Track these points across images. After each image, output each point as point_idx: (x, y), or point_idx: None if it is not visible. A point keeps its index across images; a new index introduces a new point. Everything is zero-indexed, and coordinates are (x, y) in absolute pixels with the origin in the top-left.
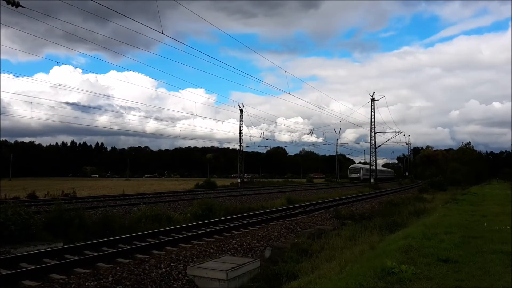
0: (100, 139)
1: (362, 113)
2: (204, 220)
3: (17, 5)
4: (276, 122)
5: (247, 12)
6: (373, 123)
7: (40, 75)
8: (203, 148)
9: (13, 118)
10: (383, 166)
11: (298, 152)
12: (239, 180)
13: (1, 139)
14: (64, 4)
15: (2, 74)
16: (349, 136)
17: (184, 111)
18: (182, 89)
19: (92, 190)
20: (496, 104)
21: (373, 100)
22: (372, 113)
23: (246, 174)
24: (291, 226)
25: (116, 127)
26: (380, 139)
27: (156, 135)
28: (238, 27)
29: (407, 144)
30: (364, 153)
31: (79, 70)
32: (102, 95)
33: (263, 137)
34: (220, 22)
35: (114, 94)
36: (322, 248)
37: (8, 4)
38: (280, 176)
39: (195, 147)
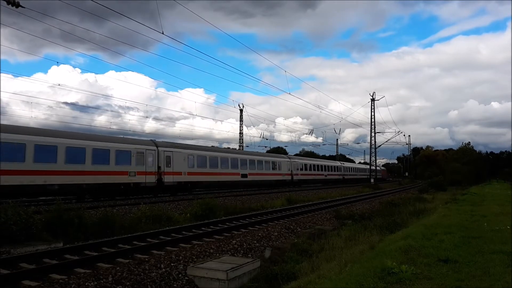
0: None
1: (361, 113)
2: (204, 220)
3: (17, 5)
4: (275, 122)
5: (245, 12)
6: (373, 123)
7: (38, 75)
8: None
9: (12, 118)
10: (383, 166)
11: (298, 152)
12: None
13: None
14: (61, 3)
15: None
16: (348, 136)
17: (183, 111)
18: (181, 89)
19: None
20: (495, 104)
21: (373, 100)
22: (372, 113)
23: None
24: (291, 226)
25: (115, 127)
26: (379, 139)
27: (155, 135)
28: (236, 27)
29: (407, 144)
30: (364, 153)
31: (78, 70)
32: (101, 95)
33: (263, 137)
34: (218, 22)
35: (113, 94)
36: (322, 248)
37: (8, 4)
38: None
39: None
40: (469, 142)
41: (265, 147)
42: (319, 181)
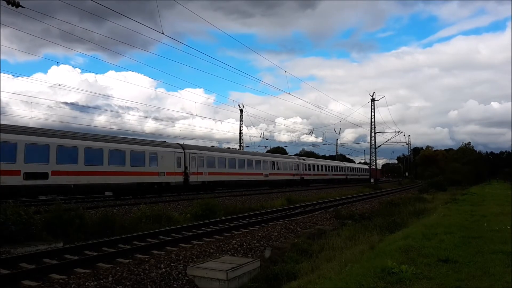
0: None
1: (361, 113)
2: (204, 220)
3: (17, 5)
4: (275, 122)
5: (245, 12)
6: (373, 123)
7: (38, 75)
8: None
9: (12, 118)
10: (383, 166)
11: (298, 152)
12: None
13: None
14: (60, 3)
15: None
16: (348, 136)
17: (183, 111)
18: (181, 89)
19: None
20: (495, 104)
21: (373, 100)
22: (372, 113)
23: None
24: (291, 226)
25: (114, 127)
26: (379, 139)
27: (155, 135)
28: (235, 27)
29: (407, 144)
30: (364, 153)
31: (78, 70)
32: (100, 95)
33: (263, 137)
34: (218, 22)
35: (113, 94)
36: (322, 248)
37: (8, 4)
38: None
39: None
40: (469, 142)
41: (265, 147)
42: (251, 183)
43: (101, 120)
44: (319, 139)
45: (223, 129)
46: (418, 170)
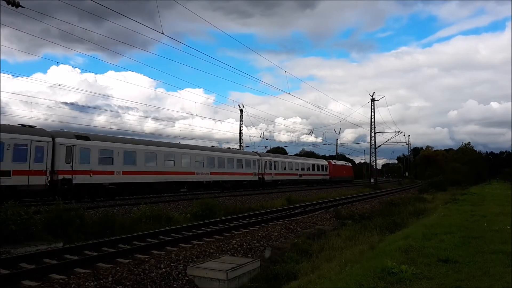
0: None
1: (360, 113)
2: (204, 220)
3: (17, 5)
4: (275, 122)
5: (244, 12)
6: (373, 123)
7: (38, 75)
8: None
9: (12, 118)
10: (383, 166)
11: (298, 152)
12: None
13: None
14: (60, 3)
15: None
16: (347, 136)
17: (183, 111)
18: (181, 89)
19: None
20: (494, 104)
21: (373, 100)
22: (372, 113)
23: None
24: (291, 226)
25: (114, 127)
26: (379, 139)
27: (155, 135)
28: (235, 27)
29: (407, 144)
30: (364, 153)
31: (78, 70)
32: (100, 95)
33: (262, 137)
34: (217, 22)
35: (113, 94)
36: (322, 248)
37: (8, 4)
38: None
39: None
40: (469, 142)
41: (265, 147)
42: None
43: (100, 120)
44: (319, 139)
45: (223, 129)
46: (418, 170)
